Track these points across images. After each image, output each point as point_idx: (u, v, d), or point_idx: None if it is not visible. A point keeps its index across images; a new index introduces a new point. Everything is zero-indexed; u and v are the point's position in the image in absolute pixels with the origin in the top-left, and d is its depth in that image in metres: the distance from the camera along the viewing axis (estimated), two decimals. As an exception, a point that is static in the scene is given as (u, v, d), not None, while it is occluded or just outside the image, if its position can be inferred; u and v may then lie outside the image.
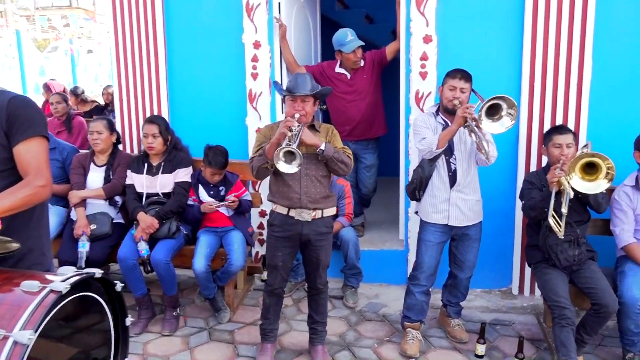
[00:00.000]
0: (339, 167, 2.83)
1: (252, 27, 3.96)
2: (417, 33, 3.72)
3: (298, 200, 2.85)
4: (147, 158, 3.66)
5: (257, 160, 2.79)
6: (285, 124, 2.70)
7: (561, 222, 2.84)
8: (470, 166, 3.19)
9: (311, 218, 2.89)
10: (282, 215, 2.92)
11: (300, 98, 2.82)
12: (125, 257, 3.39)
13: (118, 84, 4.28)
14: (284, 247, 2.96)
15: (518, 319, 3.72)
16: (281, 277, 3.03)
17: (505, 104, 2.84)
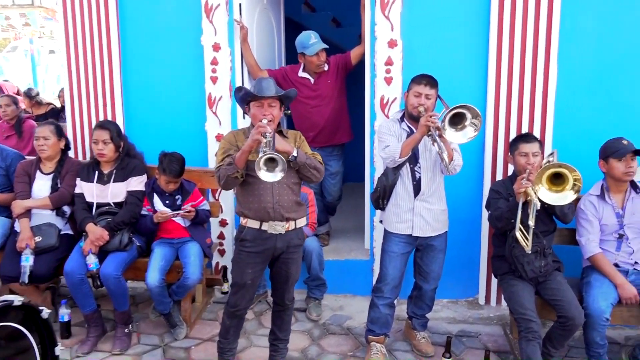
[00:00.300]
0: (311, 173, 2.70)
1: (211, 28, 3.79)
2: (381, 37, 3.62)
3: (271, 210, 2.69)
4: (98, 166, 3.46)
5: (226, 170, 2.60)
6: (258, 130, 2.52)
7: (528, 235, 2.76)
8: (435, 175, 3.10)
9: (285, 230, 2.74)
10: (254, 229, 2.74)
11: (267, 102, 2.68)
12: (72, 271, 3.18)
13: (69, 87, 4.06)
14: (255, 263, 2.78)
15: (485, 330, 3.65)
16: (248, 296, 2.85)
17: (470, 114, 2.75)
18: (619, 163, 3.02)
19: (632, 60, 3.51)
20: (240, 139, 2.74)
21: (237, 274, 2.82)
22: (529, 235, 2.76)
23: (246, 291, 2.82)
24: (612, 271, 3.03)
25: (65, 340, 3.39)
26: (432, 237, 3.14)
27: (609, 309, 2.89)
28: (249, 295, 2.85)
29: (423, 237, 3.14)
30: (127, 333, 3.37)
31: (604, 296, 2.93)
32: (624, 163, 3.01)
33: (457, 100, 3.61)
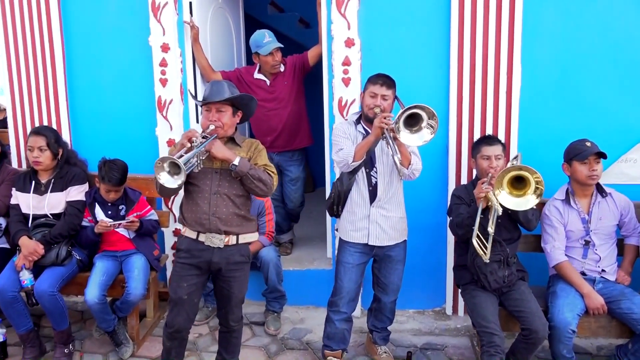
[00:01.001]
0: (255, 185, 2.50)
1: (159, 28, 3.59)
2: (338, 36, 3.45)
3: (206, 221, 2.51)
4: (36, 175, 3.23)
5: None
6: (186, 134, 2.39)
7: (487, 243, 2.59)
8: (393, 180, 2.93)
9: (224, 244, 2.55)
10: (190, 239, 2.57)
11: (215, 108, 2.50)
12: (3, 289, 2.95)
13: (10, 91, 3.82)
14: (190, 276, 2.58)
15: (451, 342, 3.47)
16: (186, 315, 2.62)
17: (425, 114, 2.58)
18: (583, 166, 2.87)
19: (599, 59, 3.37)
20: None
21: (172, 288, 2.62)
22: (488, 244, 2.59)
23: (182, 308, 2.60)
24: (578, 280, 2.88)
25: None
26: (389, 246, 2.97)
27: (575, 320, 2.74)
28: (186, 313, 2.62)
29: (380, 247, 2.96)
30: (68, 353, 3.14)
31: (570, 307, 2.78)
32: (587, 166, 2.86)
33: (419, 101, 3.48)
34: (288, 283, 3.79)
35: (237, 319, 2.75)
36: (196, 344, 3.40)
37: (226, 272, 2.61)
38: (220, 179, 2.54)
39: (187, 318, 2.65)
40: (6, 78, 3.80)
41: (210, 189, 2.52)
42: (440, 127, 3.47)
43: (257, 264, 3.56)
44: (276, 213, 4.13)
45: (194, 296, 2.63)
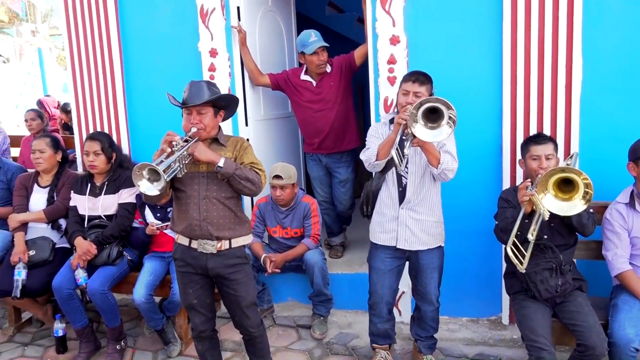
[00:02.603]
0: (243, 185, 2.44)
1: (207, 34, 3.67)
2: (383, 34, 3.35)
3: (197, 227, 2.47)
4: (91, 178, 3.40)
5: None
6: (165, 139, 2.32)
7: (526, 251, 2.39)
8: (425, 181, 2.79)
9: (216, 250, 2.51)
10: (183, 246, 2.55)
11: (195, 110, 2.45)
12: (60, 286, 3.12)
13: (75, 101, 4.07)
14: (192, 282, 2.58)
15: (506, 353, 3.26)
16: (203, 317, 2.64)
17: (444, 107, 2.41)
18: (652, 165, 2.58)
19: (673, 46, 3.04)
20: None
21: (181, 296, 2.65)
22: (527, 252, 2.39)
23: (196, 311, 2.62)
24: (643, 292, 2.59)
25: (60, 355, 3.36)
26: (422, 252, 2.83)
27: (638, 337, 2.46)
28: (202, 315, 2.64)
29: (412, 252, 2.84)
30: (119, 350, 3.27)
31: (634, 321, 2.50)
32: (657, 165, 2.57)
33: (469, 99, 3.33)
34: (337, 287, 3.74)
35: (256, 324, 2.67)
36: (242, 345, 3.41)
37: (227, 276, 2.55)
38: (208, 183, 2.48)
39: (205, 319, 2.65)
40: (72, 87, 4.03)
41: (199, 194, 2.47)
42: (493, 126, 3.37)
43: (303, 267, 3.54)
44: (326, 215, 4.10)
45: (204, 298, 2.61)
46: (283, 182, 3.46)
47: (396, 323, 3.39)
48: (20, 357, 3.38)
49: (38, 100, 7.26)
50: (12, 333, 3.64)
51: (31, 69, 15.27)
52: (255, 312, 2.66)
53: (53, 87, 15.26)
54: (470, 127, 3.35)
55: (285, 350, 3.37)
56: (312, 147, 3.99)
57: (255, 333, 2.68)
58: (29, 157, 4.76)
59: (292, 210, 3.60)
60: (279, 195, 3.50)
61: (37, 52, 15.83)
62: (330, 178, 4.10)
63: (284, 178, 3.45)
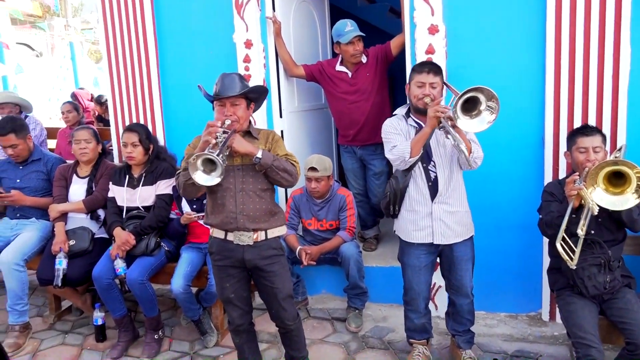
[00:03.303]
0: (280, 176, 2.43)
1: (242, 25, 3.65)
2: (421, 23, 3.28)
3: (234, 220, 2.46)
4: (129, 169, 3.42)
5: (183, 176, 2.39)
6: (207, 130, 2.31)
7: (576, 247, 2.32)
8: (453, 172, 2.75)
9: (253, 241, 2.49)
10: (219, 240, 2.53)
11: (229, 102, 2.44)
12: (99, 276, 3.16)
13: (112, 93, 4.09)
14: (229, 276, 2.57)
15: (547, 350, 3.19)
16: (240, 310, 2.63)
17: (483, 96, 2.37)
18: None
19: None
20: None
21: (217, 290, 2.64)
22: (577, 247, 2.31)
23: (233, 305, 2.61)
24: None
25: (99, 343, 3.41)
26: (455, 245, 2.79)
27: (690, 335, 2.38)
28: (240, 309, 2.63)
29: (445, 245, 2.80)
30: (157, 339, 3.31)
31: (686, 320, 2.42)
32: None
33: (510, 90, 3.24)
34: (372, 280, 3.71)
35: (292, 317, 2.66)
36: (277, 337, 3.42)
37: (263, 268, 2.53)
38: (243, 176, 2.47)
39: (242, 312, 2.64)
40: (108, 79, 4.07)
41: (234, 187, 2.45)
42: (535, 117, 3.28)
43: (338, 260, 3.52)
44: (360, 208, 4.07)
45: (241, 292, 2.61)
46: (318, 174, 3.43)
47: (433, 317, 3.36)
48: (61, 345, 3.45)
49: (72, 93, 7.37)
50: (53, 321, 3.71)
51: (63, 63, 15.55)
52: (291, 305, 2.66)
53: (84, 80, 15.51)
54: (511, 119, 3.26)
55: (321, 342, 3.36)
56: (347, 139, 3.96)
57: (291, 326, 2.67)
58: (65, 149, 4.86)
59: (327, 202, 3.58)
60: (314, 187, 3.48)
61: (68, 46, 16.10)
62: (364, 170, 4.07)
63: (320, 170, 3.43)
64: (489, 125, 2.40)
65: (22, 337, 3.40)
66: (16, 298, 3.37)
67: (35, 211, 3.63)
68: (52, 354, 3.33)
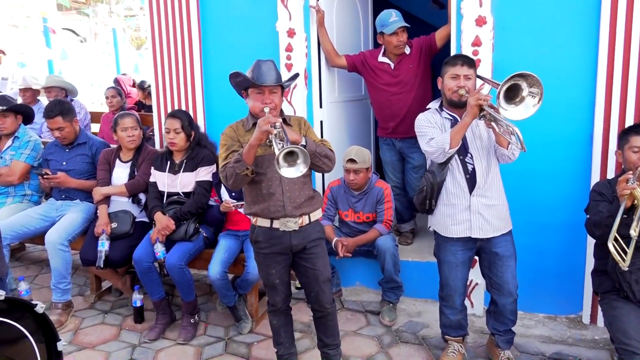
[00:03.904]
0: (323, 162, 2.45)
1: (286, 13, 3.64)
2: (468, 14, 3.21)
3: (282, 208, 2.48)
4: (171, 155, 3.47)
5: (233, 168, 2.35)
6: (266, 121, 2.26)
7: (628, 248, 2.23)
8: (491, 164, 2.70)
9: (298, 226, 2.52)
10: (264, 228, 2.54)
11: (268, 89, 2.43)
12: (140, 259, 3.23)
13: (155, 79, 4.15)
14: (276, 263, 2.59)
15: (587, 354, 3.10)
16: (283, 293, 2.68)
17: (525, 83, 2.32)
18: None
19: None
20: (240, 132, 2.53)
21: (263, 276, 2.66)
22: (629, 248, 2.23)
23: (278, 290, 2.65)
24: None
25: (137, 324, 3.49)
26: (495, 240, 2.74)
27: None
28: (282, 293, 2.67)
29: (484, 240, 2.74)
30: (193, 323, 3.36)
31: None
32: None
33: (558, 84, 3.14)
34: (406, 274, 3.67)
35: (330, 300, 2.69)
36: (310, 327, 3.43)
37: (308, 252, 2.57)
38: None
39: (285, 296, 2.69)
40: (152, 67, 4.12)
41: (279, 175, 2.40)
42: (584, 114, 3.18)
43: (374, 252, 3.50)
44: (397, 201, 4.02)
45: (285, 277, 2.65)
46: (357, 166, 3.41)
47: (469, 315, 3.31)
48: (101, 324, 3.54)
49: (115, 79, 7.51)
50: (93, 301, 3.81)
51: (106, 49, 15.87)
52: (329, 288, 2.68)
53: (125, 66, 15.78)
54: (559, 115, 3.18)
55: (354, 334, 3.35)
56: (386, 132, 3.91)
57: (329, 309, 2.69)
58: (107, 133, 4.96)
59: (365, 194, 3.56)
60: (353, 179, 3.46)
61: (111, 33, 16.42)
62: (403, 163, 4.02)
63: (359, 162, 3.40)
64: (534, 110, 2.35)
65: (64, 315, 3.50)
66: (60, 277, 3.48)
67: (80, 193, 3.73)
68: (92, 333, 3.42)
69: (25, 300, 1.53)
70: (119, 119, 3.61)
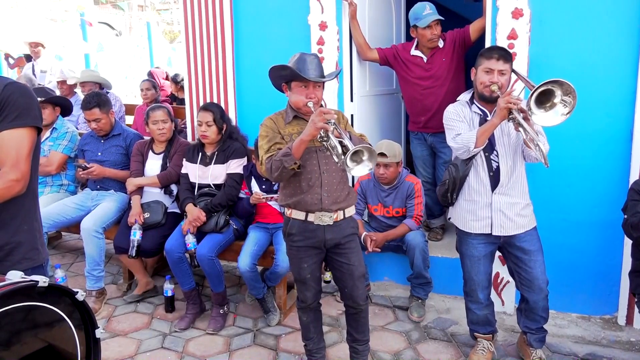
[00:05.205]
0: None
1: (318, 6, 3.63)
2: (504, 7, 3.14)
3: (319, 202, 2.46)
4: (202, 147, 3.52)
5: (281, 161, 2.33)
6: (322, 117, 2.23)
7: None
8: (516, 164, 2.65)
9: (333, 221, 2.50)
10: (299, 221, 2.52)
11: (312, 84, 2.41)
12: (172, 249, 3.28)
13: (188, 72, 4.19)
14: (308, 257, 2.58)
15: (621, 356, 3.02)
16: (314, 289, 2.67)
17: (561, 91, 2.24)
18: None
19: None
20: (280, 125, 2.50)
21: (294, 270, 2.64)
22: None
23: (309, 286, 2.64)
24: None
25: (168, 314, 3.55)
26: (519, 236, 2.69)
27: None
28: (313, 288, 2.66)
29: (506, 236, 2.70)
30: (223, 314, 3.40)
31: None
32: None
33: (597, 81, 3.06)
34: (436, 270, 3.64)
35: (364, 297, 2.67)
36: (339, 321, 3.44)
37: (343, 245, 2.55)
38: (325, 157, 2.45)
39: (315, 292, 2.68)
40: (185, 61, 4.16)
41: (319, 169, 2.44)
42: (624, 109, 3.09)
43: (403, 248, 3.48)
44: (427, 196, 3.98)
45: (316, 272, 2.64)
46: (387, 160, 3.38)
47: (499, 313, 3.27)
48: (133, 312, 3.62)
49: (149, 72, 7.63)
50: (126, 289, 3.90)
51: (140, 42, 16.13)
52: (363, 284, 2.66)
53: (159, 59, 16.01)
54: (597, 110, 3.10)
55: (382, 329, 3.34)
56: (418, 126, 3.87)
57: (363, 306, 2.67)
58: (142, 125, 5.04)
59: (394, 189, 3.53)
60: (383, 173, 3.43)
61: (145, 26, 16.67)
62: (434, 158, 3.98)
63: (389, 156, 3.38)
64: (563, 119, 2.28)
65: (98, 302, 3.59)
66: (94, 264, 3.57)
67: (114, 183, 3.82)
68: (125, 320, 3.50)
69: (67, 288, 1.57)
70: (150, 112, 3.67)
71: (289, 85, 2.50)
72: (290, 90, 2.49)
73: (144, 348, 3.17)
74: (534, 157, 2.56)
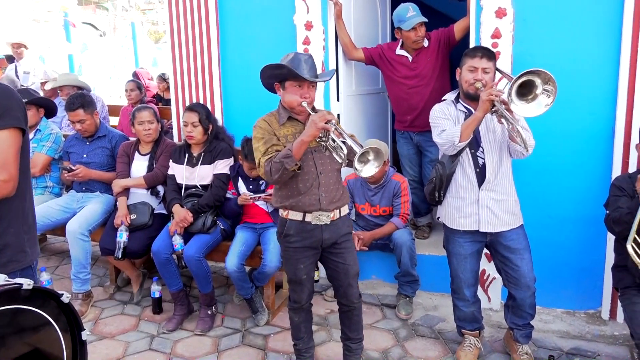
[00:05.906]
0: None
1: (303, 6, 3.64)
2: (488, 6, 3.17)
3: (317, 202, 2.46)
4: (189, 148, 3.51)
5: (281, 163, 2.31)
6: (323, 118, 2.23)
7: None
8: (502, 160, 2.68)
9: (330, 220, 2.50)
10: (296, 222, 2.51)
11: (308, 84, 2.41)
12: (159, 250, 3.27)
13: (173, 72, 4.18)
14: (305, 257, 2.57)
15: (605, 350, 3.07)
16: (308, 290, 2.67)
17: (539, 79, 2.29)
18: None
19: None
20: (275, 126, 2.48)
21: (290, 271, 2.63)
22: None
23: (304, 286, 2.64)
24: None
25: (156, 315, 3.53)
26: (505, 234, 2.73)
27: None
28: (307, 289, 2.66)
29: (494, 234, 2.73)
30: (211, 315, 3.39)
31: None
32: None
33: (579, 79, 3.10)
34: (423, 268, 3.66)
35: (358, 295, 2.69)
36: (327, 320, 3.45)
37: (338, 246, 2.56)
38: (320, 157, 2.46)
39: (309, 292, 2.68)
40: (170, 61, 4.15)
41: (316, 169, 2.45)
42: (606, 107, 3.13)
43: (390, 246, 3.50)
44: (414, 195, 4.01)
45: (311, 272, 2.64)
46: (374, 159, 3.39)
47: (485, 309, 3.31)
48: (120, 314, 3.60)
49: (134, 72, 7.58)
50: (113, 291, 3.87)
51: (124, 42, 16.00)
52: (357, 283, 2.68)
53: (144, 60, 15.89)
54: (580, 108, 3.15)
55: (370, 328, 3.36)
56: (404, 125, 3.90)
57: (357, 304, 2.69)
58: (127, 126, 5.01)
59: (381, 188, 3.55)
60: (369, 172, 3.44)
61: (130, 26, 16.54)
62: (420, 157, 4.00)
63: (376, 155, 3.39)
64: (546, 109, 2.32)
65: (84, 305, 3.57)
66: (80, 266, 3.54)
67: (100, 185, 3.79)
68: (112, 323, 3.48)
69: (52, 290, 1.56)
70: (136, 112, 3.65)
71: (282, 84, 2.48)
72: (284, 89, 2.47)
73: (132, 350, 3.16)
74: (519, 152, 2.59)
